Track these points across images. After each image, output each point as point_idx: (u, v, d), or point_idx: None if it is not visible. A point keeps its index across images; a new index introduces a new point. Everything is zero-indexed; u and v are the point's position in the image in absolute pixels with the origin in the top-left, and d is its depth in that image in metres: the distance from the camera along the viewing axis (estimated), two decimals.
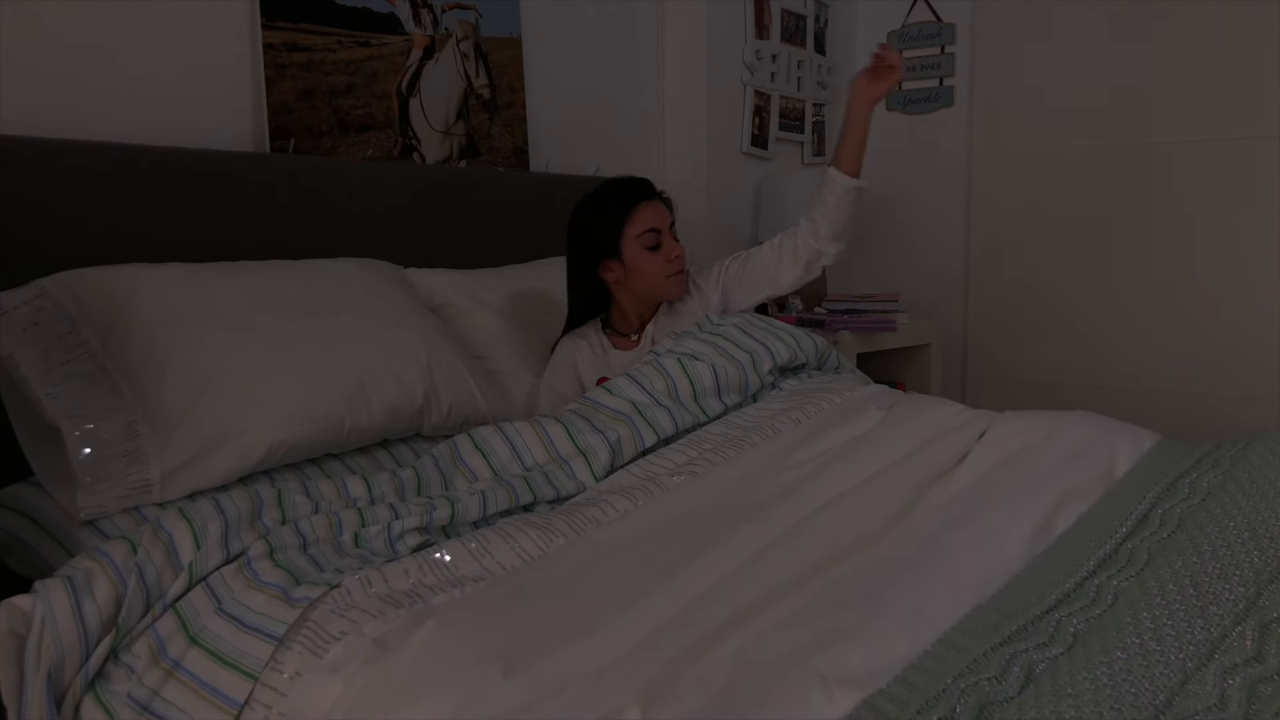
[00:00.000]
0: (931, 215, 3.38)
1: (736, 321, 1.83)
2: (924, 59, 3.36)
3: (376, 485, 1.41)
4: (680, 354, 1.71)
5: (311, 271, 1.72)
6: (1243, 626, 0.87)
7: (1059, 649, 0.87)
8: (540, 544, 1.24)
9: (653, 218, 1.90)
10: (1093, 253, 3.04)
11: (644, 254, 1.90)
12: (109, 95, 1.73)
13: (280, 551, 1.19)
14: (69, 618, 1.10)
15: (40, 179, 1.54)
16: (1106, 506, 1.14)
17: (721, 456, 1.48)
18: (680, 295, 1.97)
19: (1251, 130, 2.74)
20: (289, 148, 1.95)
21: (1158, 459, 1.28)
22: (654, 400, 1.62)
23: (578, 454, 1.50)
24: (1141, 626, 0.88)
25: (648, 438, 1.55)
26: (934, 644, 0.91)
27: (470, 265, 2.12)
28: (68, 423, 1.31)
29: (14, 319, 1.38)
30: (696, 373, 1.67)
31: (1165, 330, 2.93)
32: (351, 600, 1.10)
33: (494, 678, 0.94)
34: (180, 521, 1.21)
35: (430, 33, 2.22)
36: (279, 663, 1.05)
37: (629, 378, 1.67)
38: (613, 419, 1.57)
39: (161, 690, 1.08)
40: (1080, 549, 1.02)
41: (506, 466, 1.49)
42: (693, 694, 0.88)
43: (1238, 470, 1.15)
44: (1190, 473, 1.18)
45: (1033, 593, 0.96)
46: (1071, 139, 3.05)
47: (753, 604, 1.03)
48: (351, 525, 1.28)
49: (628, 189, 1.93)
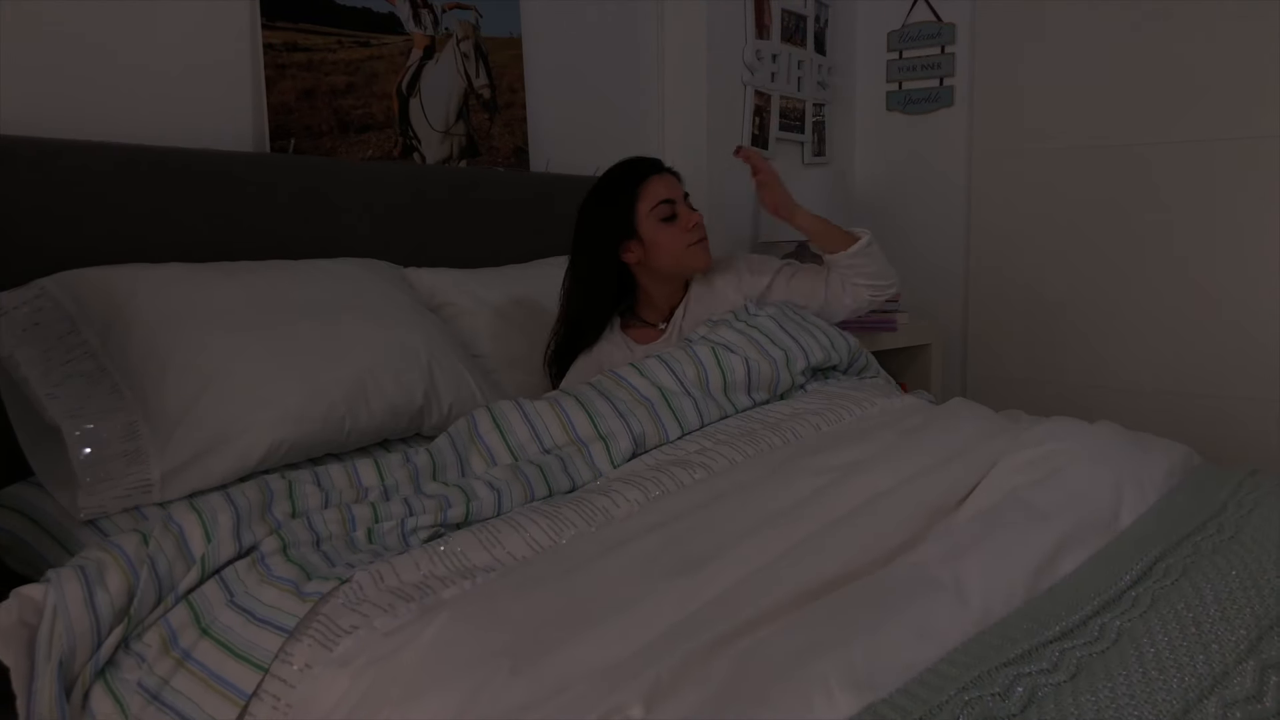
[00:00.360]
0: (931, 215, 3.38)
1: (773, 314, 1.79)
2: (924, 59, 3.36)
3: (389, 472, 1.41)
4: (715, 343, 1.68)
5: (311, 271, 1.72)
6: (1244, 665, 0.88)
7: (1063, 676, 0.88)
8: (551, 534, 1.24)
9: (664, 189, 1.86)
10: (1093, 253, 3.04)
11: (661, 227, 1.84)
12: (109, 95, 1.73)
13: (293, 547, 1.20)
14: (81, 607, 1.11)
15: (40, 179, 1.54)
16: (1110, 557, 1.12)
17: (737, 452, 1.46)
18: (705, 265, 1.90)
19: (1251, 130, 2.74)
20: (289, 148, 1.95)
21: (1166, 515, 1.24)
22: (683, 388, 1.59)
23: (598, 439, 1.49)
24: (1144, 658, 0.89)
25: (671, 431, 1.53)
26: (937, 661, 0.91)
27: (470, 265, 2.12)
28: (68, 423, 1.31)
29: (14, 319, 1.38)
30: (730, 364, 1.65)
31: (1165, 330, 2.93)
32: (363, 594, 1.10)
33: (500, 675, 0.94)
34: (190, 514, 1.22)
35: (430, 33, 2.22)
36: (288, 655, 1.05)
37: (661, 360, 1.64)
38: (636, 403, 1.55)
39: (171, 680, 1.08)
40: (1084, 591, 1.03)
41: (524, 447, 1.48)
42: (695, 693, 0.89)
43: (1243, 534, 1.14)
44: (1195, 535, 1.16)
45: (1036, 623, 0.96)
46: (1071, 139, 3.05)
47: (759, 611, 1.02)
48: (365, 521, 1.28)
49: (634, 167, 1.89)
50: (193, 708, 1.06)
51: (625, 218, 1.84)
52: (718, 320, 1.78)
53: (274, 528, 1.23)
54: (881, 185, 3.51)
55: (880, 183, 3.52)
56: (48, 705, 1.07)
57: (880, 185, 3.51)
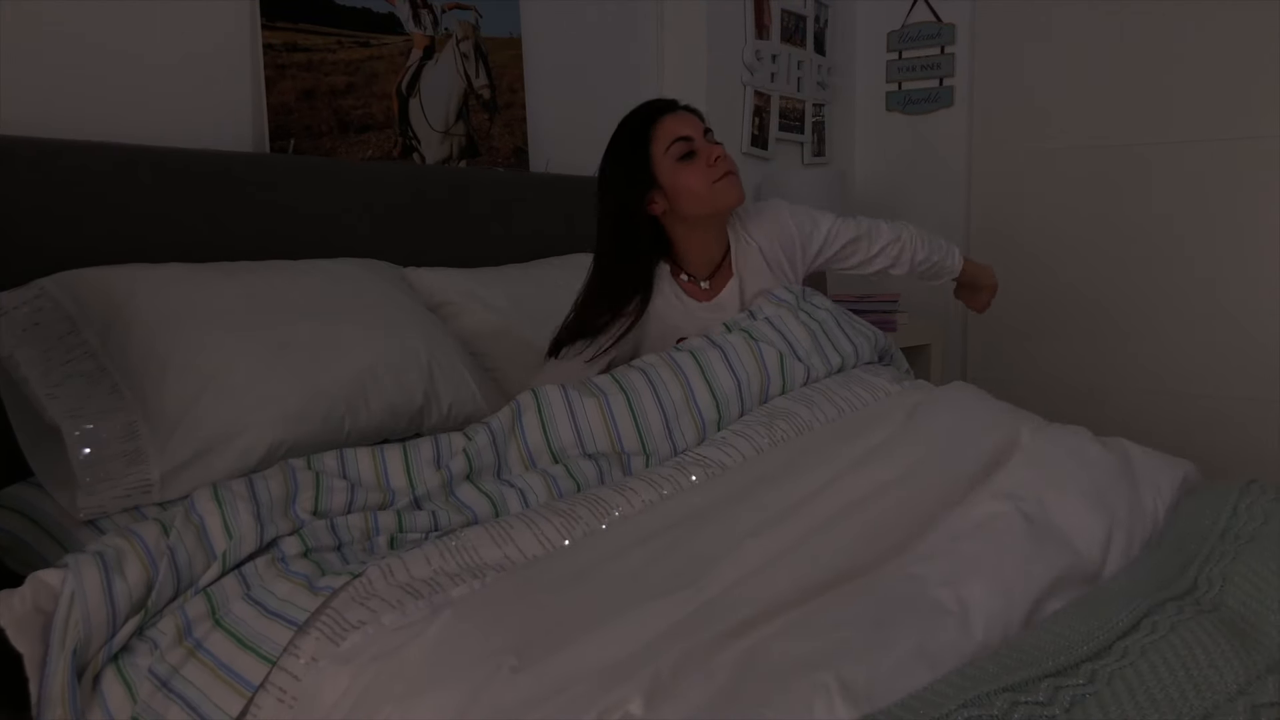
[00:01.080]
0: (931, 215, 3.38)
1: (832, 311, 1.70)
2: (924, 59, 3.36)
3: (420, 477, 1.37)
4: (783, 351, 1.58)
5: (311, 272, 1.72)
6: (1234, 704, 0.89)
7: (1058, 709, 0.89)
8: (563, 531, 1.24)
9: (677, 127, 1.69)
10: (1093, 253, 3.04)
11: (679, 167, 1.67)
12: (109, 95, 1.73)
13: (315, 552, 1.20)
14: (99, 595, 1.11)
15: (40, 179, 1.54)
16: (1095, 606, 1.11)
17: (748, 444, 1.45)
18: (738, 200, 1.71)
19: (1251, 130, 2.75)
20: (289, 148, 1.95)
21: (1153, 567, 1.21)
22: (739, 394, 1.52)
23: (641, 453, 1.46)
24: (1137, 697, 0.90)
25: (713, 454, 1.46)
26: (934, 682, 0.92)
27: (470, 266, 2.12)
28: (68, 423, 1.31)
29: (14, 319, 1.38)
30: (793, 375, 1.58)
31: (1166, 330, 2.93)
32: (372, 589, 1.11)
33: (503, 673, 0.94)
34: (212, 504, 1.22)
35: (430, 33, 2.22)
36: (297, 648, 1.06)
37: (725, 360, 1.54)
38: (687, 413, 1.49)
39: (181, 668, 1.09)
40: (1072, 636, 1.03)
41: (566, 450, 1.44)
42: (697, 693, 0.89)
43: (1227, 595, 1.12)
44: (1184, 596, 1.12)
45: (1028, 657, 0.97)
46: (1071, 139, 3.05)
47: (757, 610, 1.03)
48: (389, 529, 1.28)
49: (643, 110, 1.73)
50: (200, 697, 1.06)
51: (641, 166, 1.67)
52: (780, 300, 1.67)
53: (297, 527, 1.24)
54: (881, 185, 3.51)
55: (880, 183, 3.52)
56: (59, 689, 1.07)
57: (880, 185, 3.51)
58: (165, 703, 1.07)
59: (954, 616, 1.03)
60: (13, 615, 1.10)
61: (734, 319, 1.69)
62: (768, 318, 1.65)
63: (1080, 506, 1.27)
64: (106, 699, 1.10)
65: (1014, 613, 1.06)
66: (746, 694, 0.89)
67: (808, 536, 1.18)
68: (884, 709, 0.87)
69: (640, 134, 1.70)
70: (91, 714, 1.09)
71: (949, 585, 1.08)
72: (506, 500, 1.37)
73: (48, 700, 1.07)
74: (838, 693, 0.88)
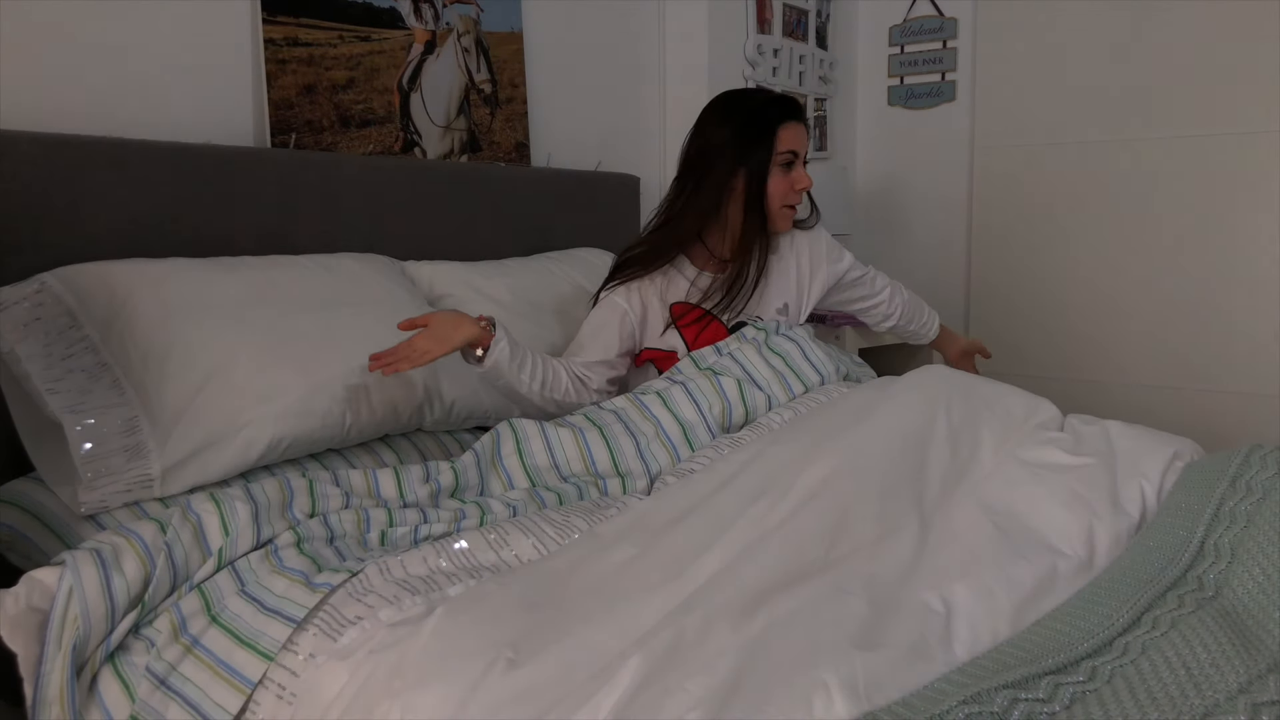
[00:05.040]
0: (933, 210, 3.38)
1: (800, 342, 1.76)
2: (926, 54, 3.35)
3: (409, 488, 1.40)
4: (741, 379, 1.66)
5: (312, 267, 1.72)
6: (1235, 702, 0.89)
7: (1058, 706, 0.89)
8: (558, 539, 1.25)
9: (796, 140, 1.84)
10: (1094, 249, 3.04)
11: (776, 173, 1.82)
12: (109, 90, 1.73)
13: (307, 542, 1.21)
14: (98, 592, 1.11)
15: (41, 174, 1.54)
16: (1094, 601, 1.11)
17: (717, 453, 1.50)
18: (784, 230, 1.91)
19: (1251, 126, 2.74)
20: (290, 143, 1.94)
21: (1147, 552, 1.20)
22: (704, 420, 1.59)
23: (615, 475, 1.50)
24: (1137, 694, 0.91)
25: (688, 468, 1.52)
26: (934, 679, 0.93)
27: (471, 261, 2.12)
28: (69, 418, 1.31)
29: (15, 314, 1.38)
30: (754, 401, 1.64)
31: (1166, 326, 2.93)
32: (369, 585, 1.11)
33: (500, 667, 0.95)
34: (209, 504, 1.23)
35: (431, 27, 2.21)
36: (295, 644, 1.06)
37: (687, 393, 1.61)
38: (658, 442, 1.55)
39: (179, 666, 1.09)
40: (1072, 632, 1.03)
41: (542, 473, 1.48)
42: (696, 686, 0.89)
43: (1222, 598, 1.12)
44: (1177, 587, 1.13)
45: (1027, 654, 0.97)
46: (1073, 134, 3.04)
47: (751, 599, 1.04)
48: (380, 524, 1.29)
49: (780, 103, 1.86)
50: (199, 694, 1.06)
51: (763, 154, 1.81)
52: (746, 339, 1.74)
53: (291, 524, 1.24)
54: (883, 180, 3.51)
55: (882, 177, 3.51)
56: (57, 689, 1.07)
57: (882, 180, 3.51)
58: (164, 700, 1.08)
59: (940, 617, 1.04)
60: (6, 615, 1.10)
61: (699, 355, 1.75)
62: (730, 353, 1.72)
63: (1053, 507, 1.28)
64: (104, 699, 1.10)
65: (999, 618, 1.06)
66: (746, 690, 0.89)
67: (783, 524, 1.19)
68: (884, 705, 0.87)
69: (773, 125, 1.82)
70: (89, 714, 1.10)
71: (934, 588, 1.08)
72: (491, 505, 1.38)
73: (43, 700, 1.07)
74: (837, 690, 0.88)
